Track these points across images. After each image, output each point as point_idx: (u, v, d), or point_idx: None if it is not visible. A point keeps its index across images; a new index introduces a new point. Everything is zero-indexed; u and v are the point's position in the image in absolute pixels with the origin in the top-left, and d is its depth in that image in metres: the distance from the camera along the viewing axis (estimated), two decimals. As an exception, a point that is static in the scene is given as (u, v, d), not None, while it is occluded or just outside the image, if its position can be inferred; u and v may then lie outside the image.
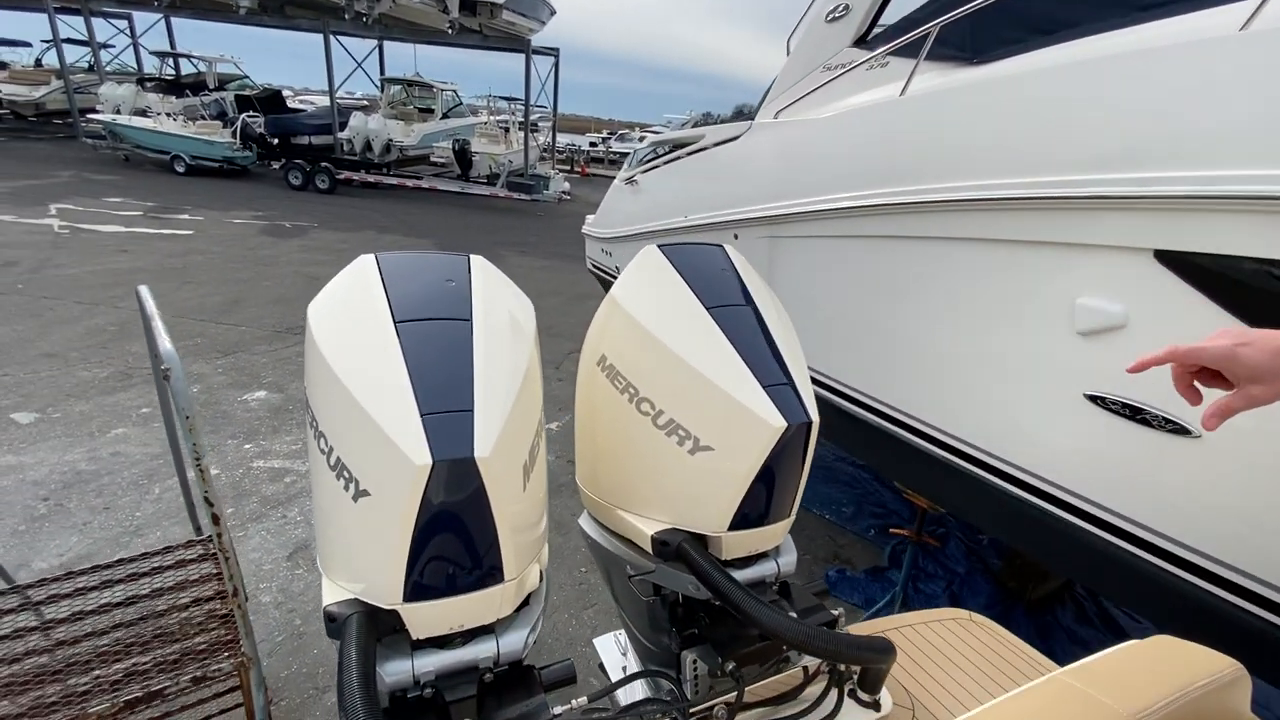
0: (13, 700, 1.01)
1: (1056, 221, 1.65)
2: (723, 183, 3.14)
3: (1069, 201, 1.60)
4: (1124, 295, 1.56)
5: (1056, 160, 1.64)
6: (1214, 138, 1.38)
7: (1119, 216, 1.52)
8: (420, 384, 0.90)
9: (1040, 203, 1.66)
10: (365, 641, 0.87)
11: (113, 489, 3.48)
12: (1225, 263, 1.40)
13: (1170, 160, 1.43)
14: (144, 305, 1.29)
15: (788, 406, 1.09)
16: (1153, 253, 1.49)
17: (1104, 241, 1.57)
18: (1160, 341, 1.51)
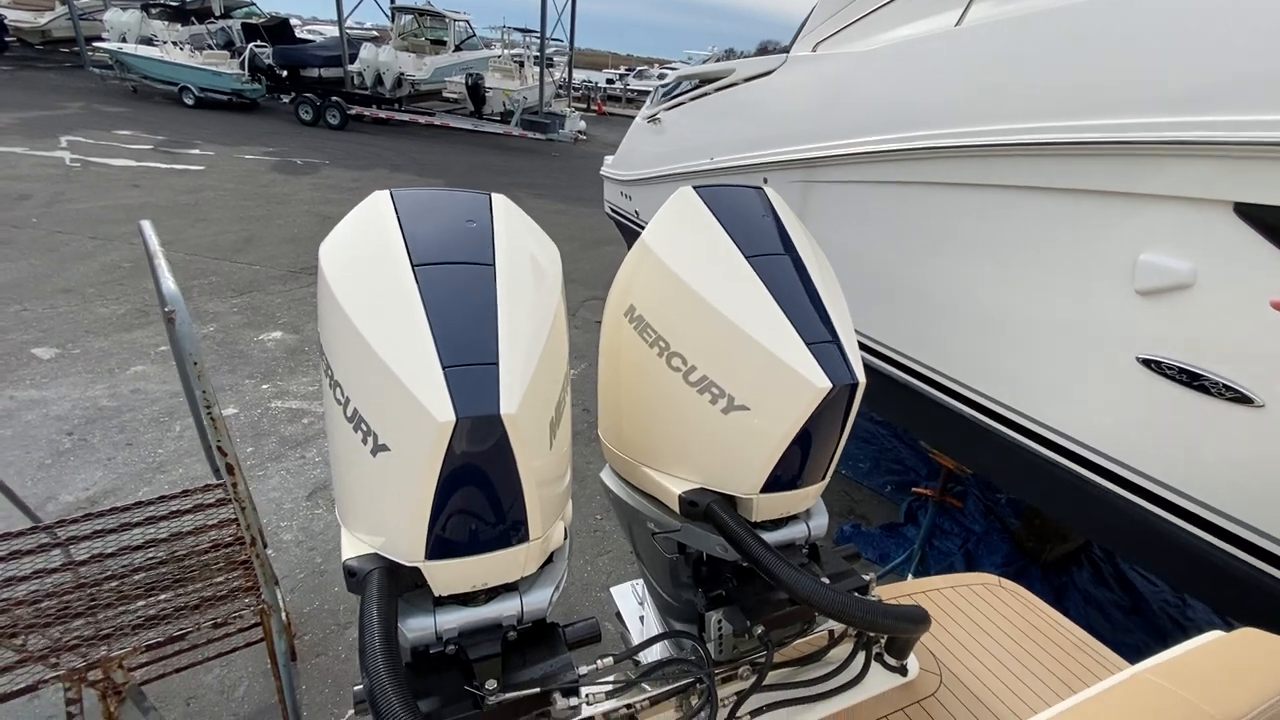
0: (40, 634, 1.01)
1: (1127, 169, 1.51)
2: (753, 122, 2.97)
3: (1144, 147, 1.46)
4: (1194, 252, 1.44)
5: (1132, 100, 1.49)
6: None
7: (1198, 164, 1.39)
8: (441, 334, 0.83)
9: (1110, 148, 1.52)
10: (386, 598, 0.83)
11: (134, 425, 3.51)
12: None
13: (1263, 101, 1.29)
14: (147, 242, 1.23)
15: (833, 366, 1.02)
16: (1233, 205, 1.36)
17: (1178, 192, 1.43)
18: (1230, 305, 1.41)
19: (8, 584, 1.14)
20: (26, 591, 1.15)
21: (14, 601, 1.12)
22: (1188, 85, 1.39)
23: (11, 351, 4.04)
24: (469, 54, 16.25)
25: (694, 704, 1.08)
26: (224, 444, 1.04)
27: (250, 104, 14.24)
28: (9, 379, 3.76)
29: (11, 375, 3.80)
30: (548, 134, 14.00)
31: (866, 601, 1.02)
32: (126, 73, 13.75)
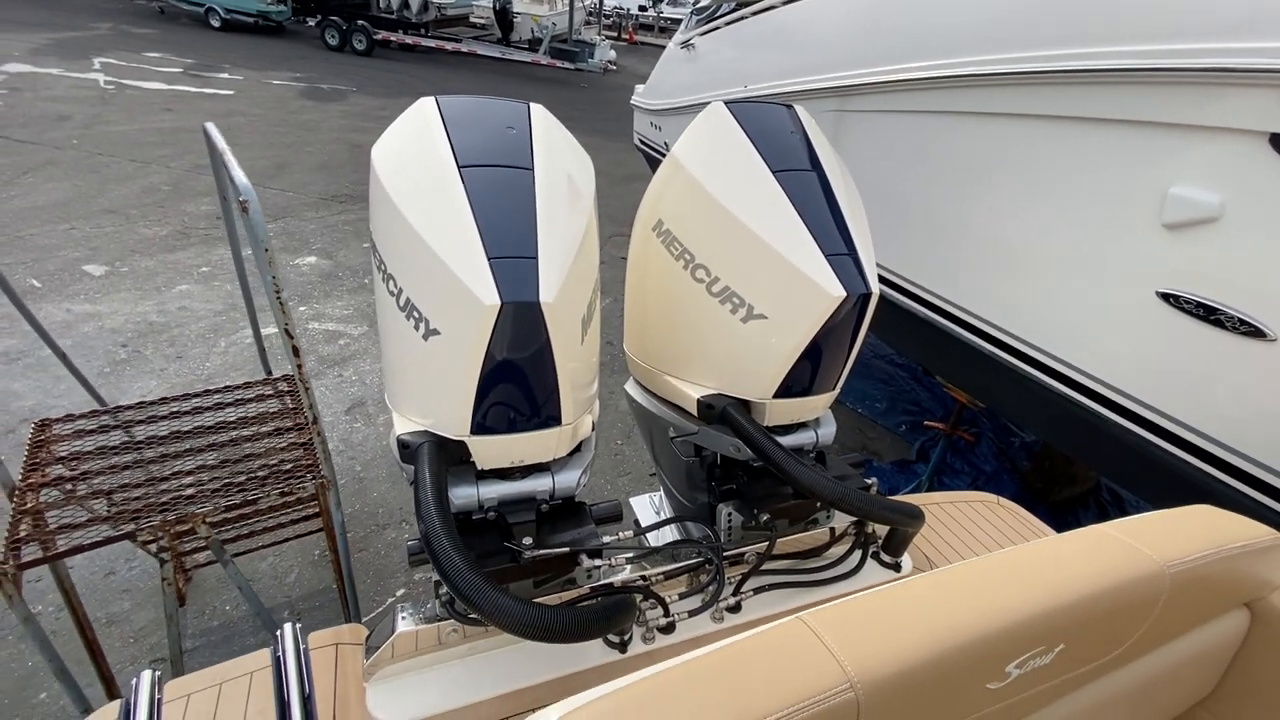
0: (126, 499, 1.16)
1: (1166, 97, 1.49)
2: (789, 48, 2.90)
3: (1183, 74, 1.44)
4: (1225, 184, 1.43)
5: (1168, 26, 1.46)
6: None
7: (1236, 93, 1.37)
8: (486, 228, 0.91)
9: (1151, 75, 1.50)
10: (437, 464, 0.95)
11: (183, 340, 3.71)
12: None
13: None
14: (215, 141, 1.31)
15: (848, 276, 1.08)
16: (1269, 137, 1.35)
17: (1214, 122, 1.42)
18: (1254, 238, 1.42)
19: (87, 458, 1.29)
20: (105, 465, 1.31)
21: (95, 472, 1.28)
22: (1232, 11, 1.36)
23: (65, 267, 4.24)
24: (497, -24, 15.61)
25: (703, 580, 1.20)
26: (290, 327, 1.15)
27: (276, 27, 14.00)
28: (65, 293, 3.96)
29: (67, 290, 4.00)
30: (576, 63, 13.59)
31: (863, 493, 1.11)
32: (153, -8, 13.55)
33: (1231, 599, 0.72)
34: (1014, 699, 0.59)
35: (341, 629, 1.06)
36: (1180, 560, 0.62)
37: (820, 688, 0.47)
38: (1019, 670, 0.56)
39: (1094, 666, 0.63)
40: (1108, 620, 0.60)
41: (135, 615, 2.19)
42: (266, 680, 0.97)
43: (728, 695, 0.46)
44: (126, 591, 2.28)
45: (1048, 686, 0.61)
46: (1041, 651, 0.56)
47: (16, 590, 1.06)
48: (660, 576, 1.18)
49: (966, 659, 0.52)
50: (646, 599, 1.09)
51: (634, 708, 0.47)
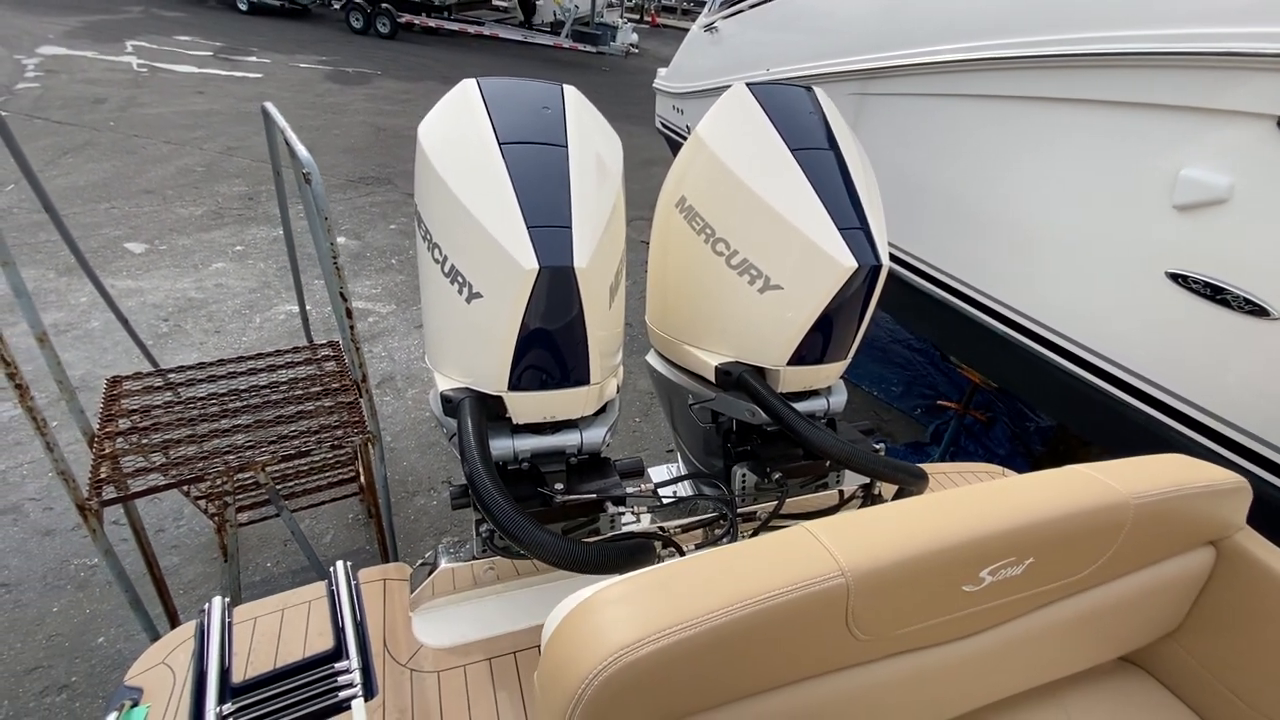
0: (197, 446, 1.29)
1: (1173, 81, 1.52)
2: (813, 31, 2.93)
3: (1189, 58, 1.47)
4: (1233, 166, 1.47)
5: (1181, 11, 1.49)
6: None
7: (1242, 77, 1.40)
8: (526, 200, 0.99)
9: (1158, 59, 1.53)
10: (479, 415, 1.04)
11: (220, 316, 3.86)
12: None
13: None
14: (275, 118, 1.41)
15: (859, 249, 1.15)
16: (1276, 120, 1.38)
17: (1224, 106, 1.45)
18: (1260, 219, 1.45)
19: (155, 411, 1.41)
20: (173, 419, 1.43)
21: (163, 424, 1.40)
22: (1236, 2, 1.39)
23: (107, 245, 4.42)
24: (519, -42, 15.57)
25: (716, 534, 1.30)
26: (344, 290, 1.26)
27: (302, 10, 14.14)
28: (108, 269, 4.13)
29: (110, 266, 4.17)
30: (598, 47, 13.56)
31: (870, 453, 1.19)
32: (182, -25, 13.73)
33: (1196, 536, 0.79)
34: (989, 604, 0.67)
35: (388, 567, 1.16)
36: (1145, 494, 0.69)
37: (815, 573, 0.55)
38: (992, 577, 0.63)
39: (1063, 584, 0.71)
40: (1074, 541, 0.67)
41: (184, 569, 2.34)
42: (324, 609, 1.08)
43: (732, 578, 0.55)
44: (175, 548, 2.43)
45: (1020, 597, 0.69)
46: (1012, 562, 0.64)
47: (99, 525, 1.18)
48: (678, 529, 1.27)
49: (945, 560, 0.60)
50: (666, 547, 1.18)
51: (651, 588, 0.55)
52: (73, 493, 1.21)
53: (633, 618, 0.52)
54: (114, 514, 2.16)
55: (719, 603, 0.53)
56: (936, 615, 0.64)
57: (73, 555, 2.29)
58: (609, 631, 0.52)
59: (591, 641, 0.52)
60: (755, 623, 0.53)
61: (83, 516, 1.17)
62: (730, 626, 0.53)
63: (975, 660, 0.70)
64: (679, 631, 0.51)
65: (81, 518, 1.21)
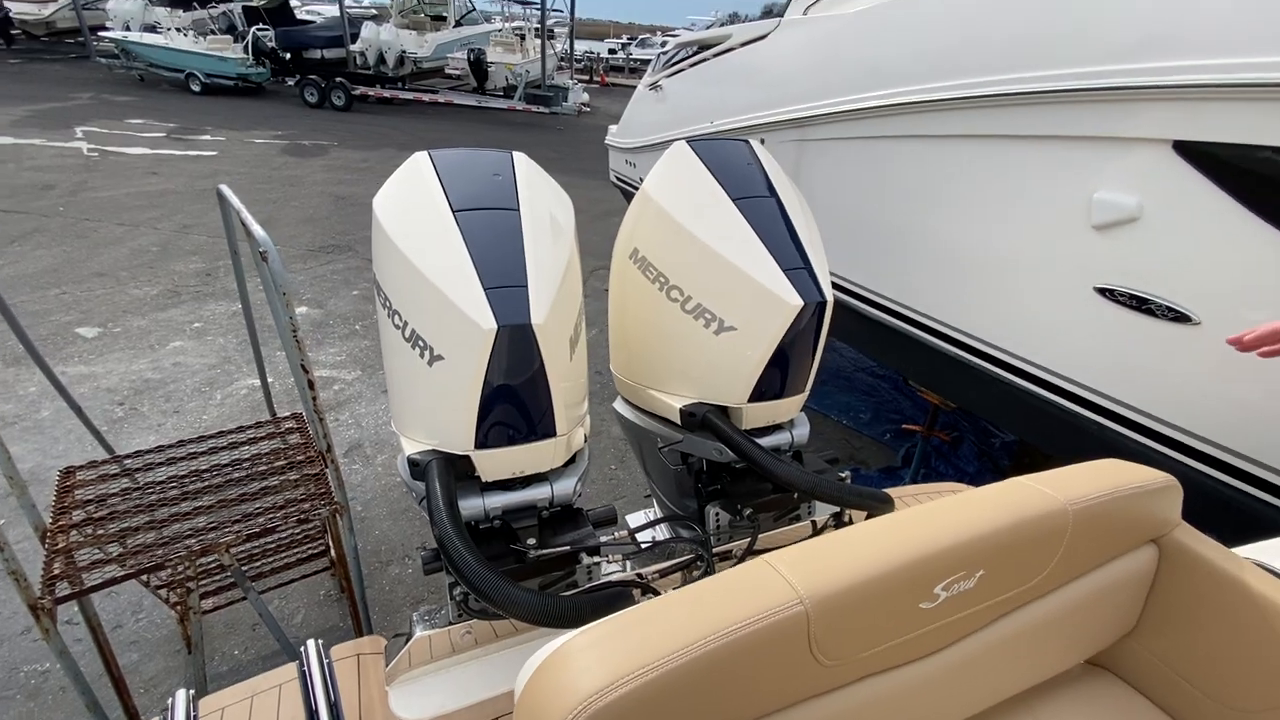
0: (157, 532, 1.25)
1: (1080, 115, 1.67)
2: (750, 85, 3.10)
3: (1093, 93, 1.61)
4: (1140, 188, 1.60)
5: (1081, 52, 1.64)
6: (1243, 22, 1.38)
7: (1139, 108, 1.54)
8: (481, 263, 1.03)
9: (1067, 95, 1.67)
10: (446, 476, 1.05)
11: (179, 395, 3.77)
12: (1244, 153, 1.43)
13: (1192, 48, 1.44)
14: (229, 200, 1.43)
15: (804, 287, 1.21)
16: (1171, 144, 1.51)
17: (1123, 134, 1.59)
18: (1168, 232, 1.57)
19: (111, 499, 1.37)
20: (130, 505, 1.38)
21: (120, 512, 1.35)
22: (1130, 36, 1.54)
23: (57, 331, 4.30)
24: (470, 29, 16.17)
25: (694, 575, 1.30)
26: (305, 362, 1.26)
27: (256, 88, 14.34)
28: (58, 356, 4.02)
29: (60, 353, 4.06)
30: (551, 107, 14.01)
31: (834, 481, 1.22)
32: (132, 61, 13.88)
33: (1137, 536, 0.83)
34: (948, 620, 0.69)
35: (361, 641, 1.14)
36: (1081, 499, 0.73)
37: (774, 603, 0.57)
38: (946, 592, 0.66)
39: (1016, 593, 0.74)
40: (1020, 550, 0.71)
41: (145, 665, 2.22)
42: (295, 692, 1.04)
43: (696, 616, 0.56)
44: (134, 643, 2.31)
45: (977, 610, 0.71)
46: (964, 576, 0.66)
47: (53, 624, 1.12)
48: (655, 574, 1.27)
49: (899, 580, 0.62)
50: (645, 593, 1.18)
51: (618, 633, 0.56)
52: (23, 592, 1.16)
53: (601, 663, 0.53)
54: (68, 612, 2.05)
55: (684, 641, 0.54)
56: (897, 635, 0.66)
57: (23, 661, 2.15)
58: (579, 679, 0.53)
59: (562, 690, 0.52)
60: (721, 657, 0.55)
61: (35, 616, 1.11)
62: (697, 664, 0.54)
63: (943, 677, 0.72)
64: (647, 673, 0.52)
65: (34, 618, 1.16)
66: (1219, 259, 1.49)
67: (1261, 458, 1.55)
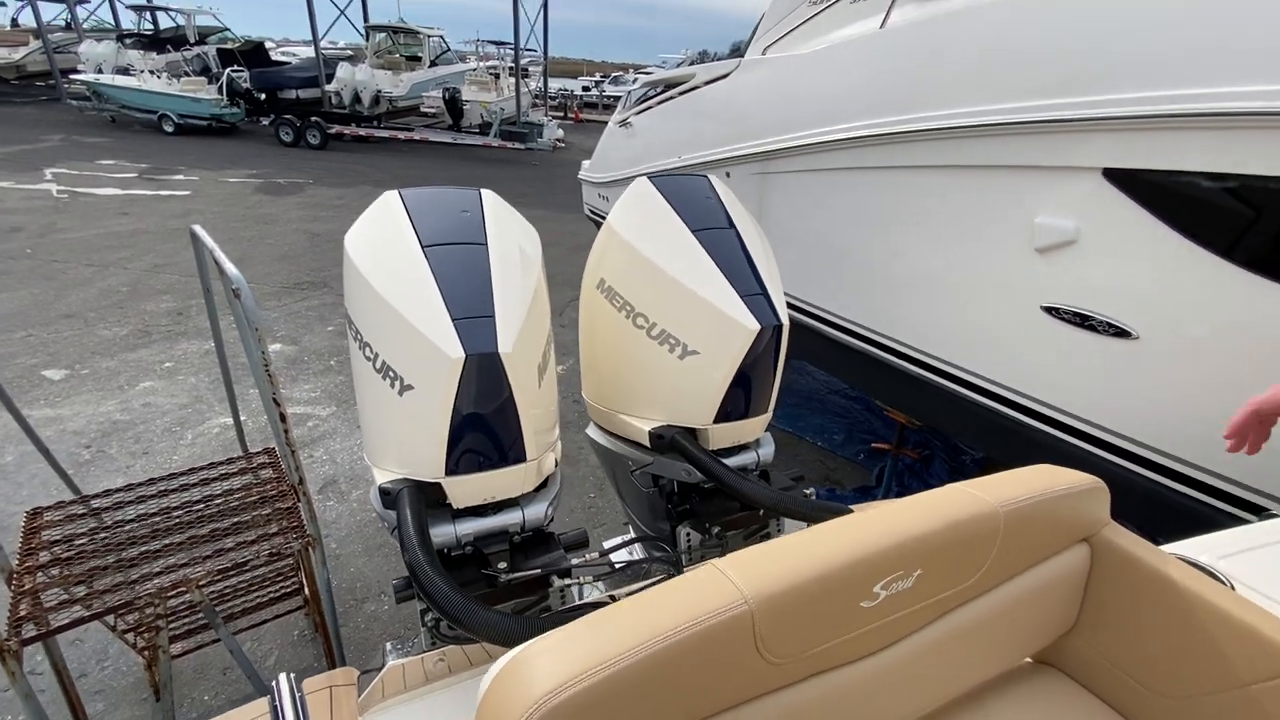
0: (124, 572, 1.24)
1: (1017, 145, 1.78)
2: (714, 121, 3.23)
3: (1027, 126, 1.73)
4: (1076, 212, 1.70)
5: (1017, 87, 1.76)
6: (1159, 59, 1.50)
7: (1070, 139, 1.66)
8: (449, 296, 1.07)
9: (1003, 128, 1.79)
10: (417, 503, 1.07)
11: (148, 436, 3.71)
12: (1165, 177, 1.54)
13: (1116, 84, 1.56)
14: (203, 240, 1.46)
15: (761, 312, 1.27)
16: (1101, 171, 1.63)
17: (1058, 163, 1.70)
18: (1104, 253, 1.67)
19: (80, 539, 1.35)
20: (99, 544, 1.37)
21: (89, 552, 1.34)
22: (1058, 74, 1.66)
23: (23, 374, 4.22)
24: (444, 69, 16.47)
25: (668, 595, 1.32)
26: (277, 396, 1.28)
27: (230, 128, 14.38)
28: (24, 399, 3.93)
29: (26, 396, 3.97)
30: (526, 143, 14.24)
31: (800, 498, 1.26)
32: (104, 103, 13.86)
33: (1068, 536, 0.89)
34: (890, 618, 0.73)
35: (334, 673, 1.14)
36: (1012, 501, 0.78)
37: (721, 604, 0.60)
38: (886, 591, 0.70)
39: (955, 592, 0.78)
40: (955, 551, 0.75)
41: (110, 715, 2.15)
42: (266, 727, 1.04)
43: (648, 617, 0.60)
44: (99, 692, 2.24)
45: (918, 609, 0.75)
46: (902, 576, 0.71)
47: (19, 666, 1.10)
48: (628, 595, 1.29)
49: (839, 580, 0.66)
50: (616, 614, 1.20)
51: (575, 635, 0.59)
52: (-14, 638, 1.14)
53: (557, 664, 0.56)
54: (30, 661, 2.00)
55: (634, 641, 0.57)
56: (842, 633, 0.70)
57: (-19, 715, 2.07)
58: (535, 680, 0.55)
59: (519, 692, 0.55)
60: (671, 655, 0.58)
61: (0, 660, 1.09)
62: (648, 662, 0.57)
63: (891, 674, 0.76)
64: (600, 672, 0.55)
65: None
66: (1151, 275, 1.60)
67: (1198, 460, 1.63)
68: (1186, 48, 1.46)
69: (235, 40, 17.42)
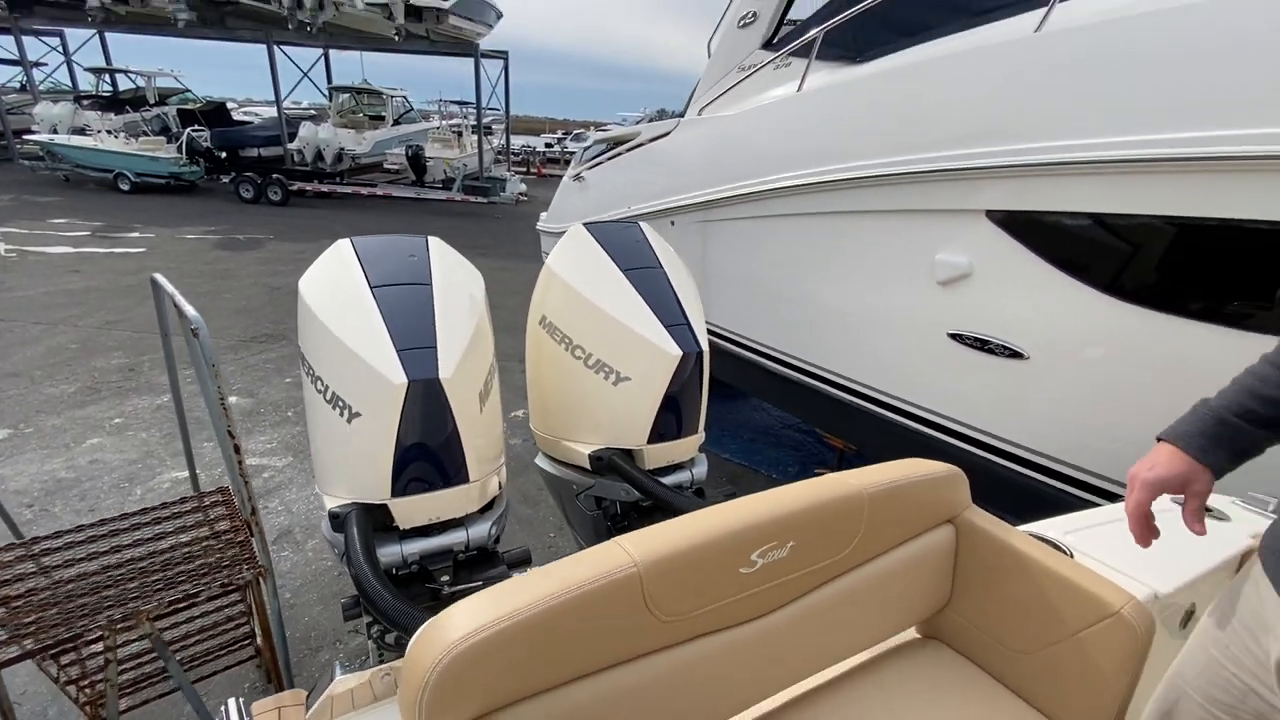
0: (76, 603, 1.26)
1: (915, 192, 2.01)
2: (659, 175, 3.46)
3: (923, 175, 1.96)
4: (968, 250, 1.92)
5: (913, 141, 2.00)
6: (1026, 118, 1.75)
7: (958, 185, 1.89)
8: (395, 330, 1.19)
9: (903, 177, 2.02)
10: (364, 521, 1.15)
11: (95, 493, 3.62)
12: (1036, 217, 1.77)
13: (992, 139, 1.80)
14: (163, 286, 1.54)
15: (684, 339, 1.42)
16: (984, 213, 1.85)
17: (950, 206, 1.93)
18: (994, 285, 1.88)
19: (30, 579, 1.37)
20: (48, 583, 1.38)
21: (39, 589, 1.35)
22: (944, 131, 1.91)
23: (-39, 436, 4.09)
24: (408, 127, 16.86)
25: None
26: (232, 428, 1.34)
27: (189, 186, 14.35)
28: (-39, 461, 3.81)
29: (-36, 457, 3.85)
30: (489, 197, 14.54)
31: (724, 508, 1.38)
32: (58, 163, 13.72)
33: (933, 516, 1.02)
34: (769, 584, 0.84)
35: (282, 695, 1.18)
36: (876, 485, 0.91)
37: (613, 567, 0.71)
38: (762, 559, 0.81)
39: (829, 563, 0.90)
40: (824, 525, 0.87)
41: (45, 781, 2.07)
42: (215, 749, 1.07)
43: (550, 579, 0.70)
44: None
45: (794, 577, 0.87)
46: (776, 546, 0.82)
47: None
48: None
49: (720, 547, 0.77)
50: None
51: (488, 596, 0.69)
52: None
53: (470, 617, 0.66)
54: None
55: (536, 597, 0.67)
56: (725, 596, 0.80)
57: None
58: (451, 628, 0.65)
59: (438, 639, 0.64)
60: (570, 609, 0.68)
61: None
62: (548, 614, 0.67)
63: (777, 637, 0.86)
64: (505, 621, 0.64)
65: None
66: (1033, 303, 1.81)
67: (1076, 461, 1.81)
68: (1047, 109, 1.71)
69: (197, 101, 17.56)
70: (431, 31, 14.29)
